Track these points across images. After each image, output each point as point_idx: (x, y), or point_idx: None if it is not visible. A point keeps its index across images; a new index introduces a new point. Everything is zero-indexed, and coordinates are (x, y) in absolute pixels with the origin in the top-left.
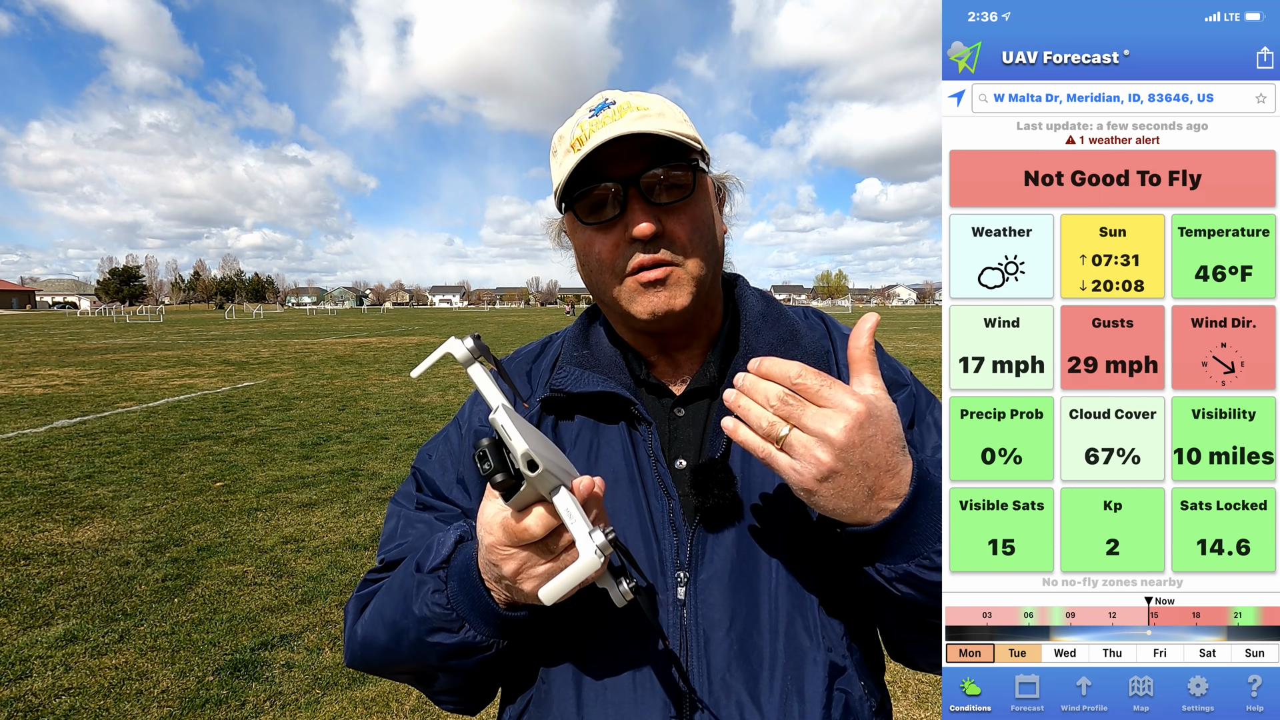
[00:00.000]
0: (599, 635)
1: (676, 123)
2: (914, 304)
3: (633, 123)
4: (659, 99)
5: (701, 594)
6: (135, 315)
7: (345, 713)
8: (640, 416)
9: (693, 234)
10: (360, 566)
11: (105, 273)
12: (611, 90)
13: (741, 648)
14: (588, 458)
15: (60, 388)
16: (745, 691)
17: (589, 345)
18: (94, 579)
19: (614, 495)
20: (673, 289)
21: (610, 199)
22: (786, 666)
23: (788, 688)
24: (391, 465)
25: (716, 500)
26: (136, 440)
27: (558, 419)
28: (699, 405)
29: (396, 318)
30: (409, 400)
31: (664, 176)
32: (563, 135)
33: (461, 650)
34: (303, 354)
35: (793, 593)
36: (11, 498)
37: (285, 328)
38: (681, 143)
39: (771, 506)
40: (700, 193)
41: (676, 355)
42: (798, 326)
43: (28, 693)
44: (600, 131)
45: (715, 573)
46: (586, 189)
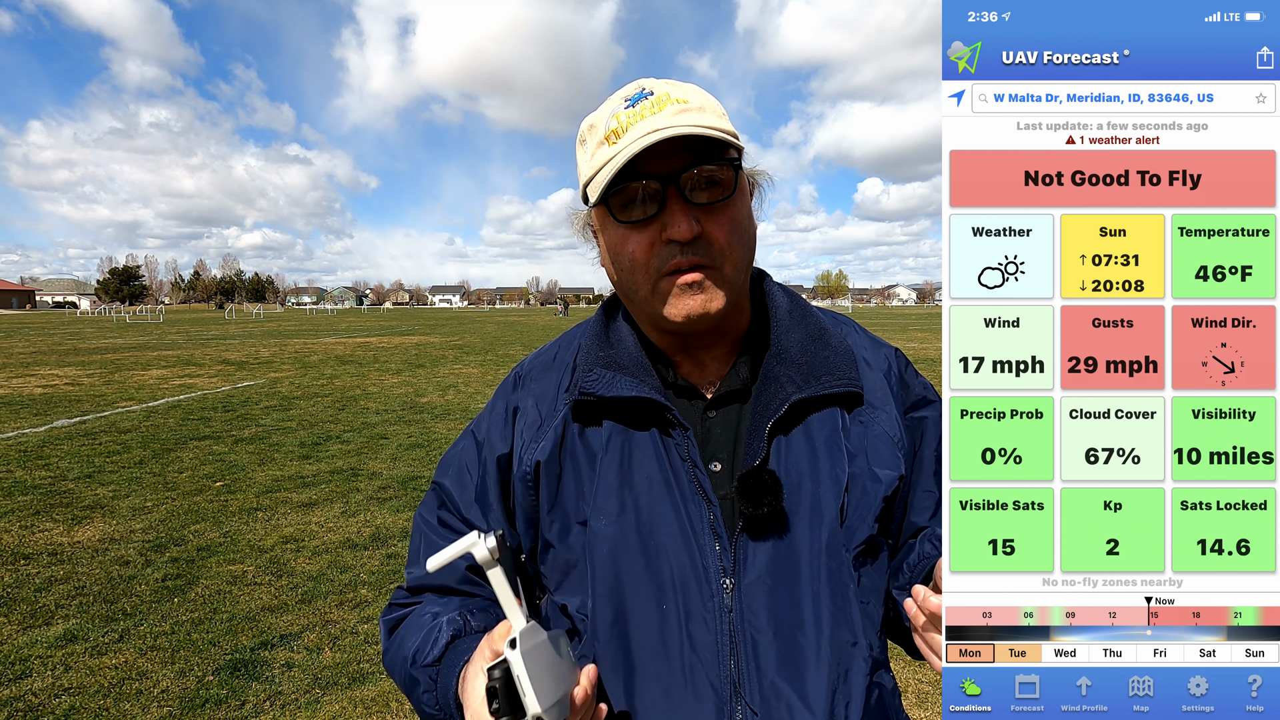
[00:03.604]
0: (647, 638)
1: (716, 117)
2: (914, 304)
3: (673, 117)
4: (698, 90)
5: (746, 599)
6: (135, 315)
7: (345, 712)
8: (676, 421)
9: (731, 235)
10: (360, 566)
11: (105, 272)
12: (648, 79)
13: (788, 649)
14: (620, 464)
15: (60, 387)
16: (794, 693)
17: (612, 345)
18: (94, 579)
19: (651, 500)
20: (709, 292)
21: (647, 196)
22: (832, 664)
23: (834, 684)
24: (391, 465)
25: (769, 507)
26: (136, 440)
27: (584, 425)
28: (730, 408)
29: (396, 317)
30: (409, 400)
31: (705, 175)
32: (594, 125)
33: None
34: (303, 354)
35: (833, 592)
36: (11, 498)
37: (285, 327)
38: (722, 140)
39: (811, 510)
40: (740, 192)
41: (701, 355)
42: (825, 324)
43: (28, 692)
44: (640, 125)
45: (759, 577)
46: (623, 185)
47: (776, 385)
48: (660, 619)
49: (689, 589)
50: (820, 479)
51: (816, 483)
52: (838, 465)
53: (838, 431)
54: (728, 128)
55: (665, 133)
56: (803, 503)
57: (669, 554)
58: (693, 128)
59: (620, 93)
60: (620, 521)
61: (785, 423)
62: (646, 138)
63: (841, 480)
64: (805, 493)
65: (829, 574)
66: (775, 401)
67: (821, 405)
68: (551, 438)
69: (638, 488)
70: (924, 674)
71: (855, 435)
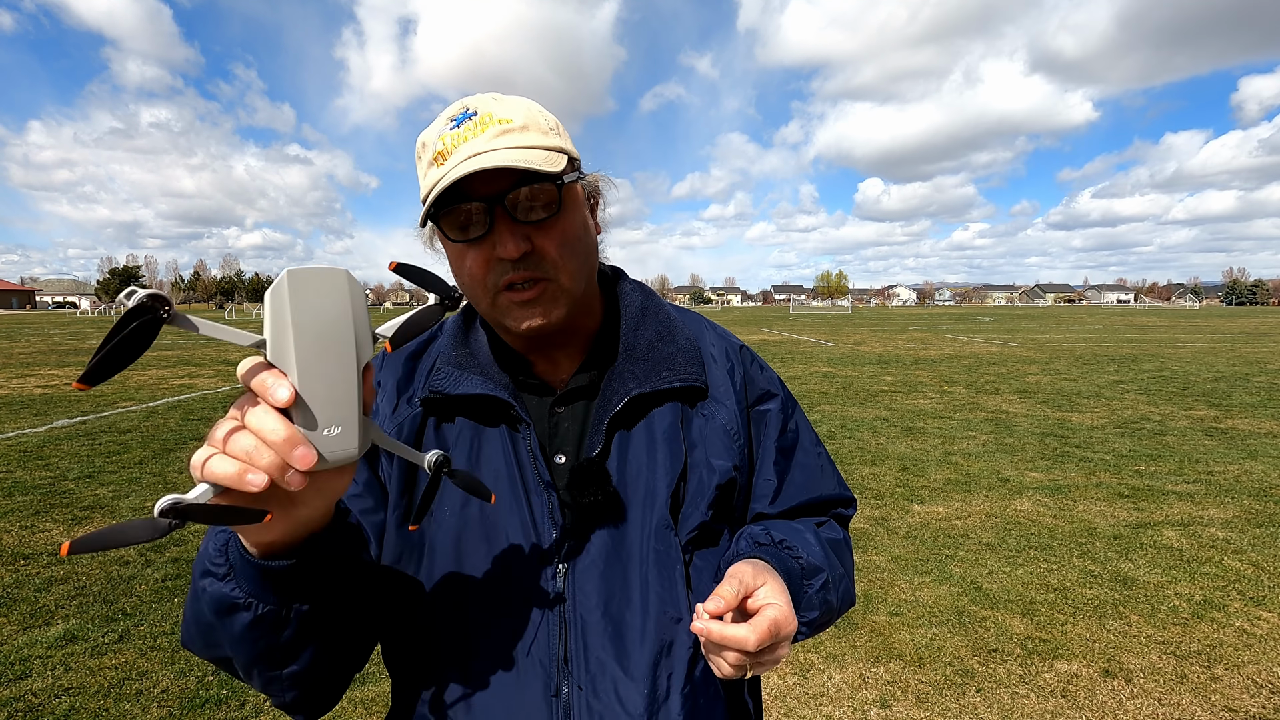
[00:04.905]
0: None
1: (540, 134)
2: (914, 304)
3: (494, 139)
4: (524, 106)
5: (579, 580)
6: None
7: (345, 713)
8: (519, 417)
9: (562, 248)
10: None
11: (105, 272)
12: (473, 97)
13: (615, 626)
14: (469, 457)
15: (60, 388)
16: (618, 665)
17: (468, 345)
18: (94, 579)
19: (497, 493)
20: (546, 304)
21: (477, 217)
22: (655, 639)
23: (658, 657)
24: None
25: (594, 497)
26: (136, 440)
27: (439, 420)
28: (579, 404)
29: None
30: None
31: (529, 194)
32: (425, 143)
33: (225, 606)
34: None
35: (660, 573)
36: (11, 498)
37: None
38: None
39: (642, 499)
40: (568, 206)
41: (554, 353)
42: (674, 321)
43: (28, 693)
44: (463, 147)
45: (592, 561)
46: (452, 206)
47: (620, 381)
48: (495, 601)
49: (526, 573)
50: (656, 469)
51: (653, 473)
52: (675, 456)
53: (677, 424)
54: (553, 144)
55: (481, 160)
56: (639, 491)
57: (509, 541)
58: (511, 151)
59: (446, 112)
60: (464, 513)
61: (627, 417)
62: (465, 164)
63: (676, 470)
64: (641, 482)
65: (656, 556)
66: (616, 397)
67: (663, 400)
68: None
69: (484, 481)
70: (924, 674)
71: (696, 427)
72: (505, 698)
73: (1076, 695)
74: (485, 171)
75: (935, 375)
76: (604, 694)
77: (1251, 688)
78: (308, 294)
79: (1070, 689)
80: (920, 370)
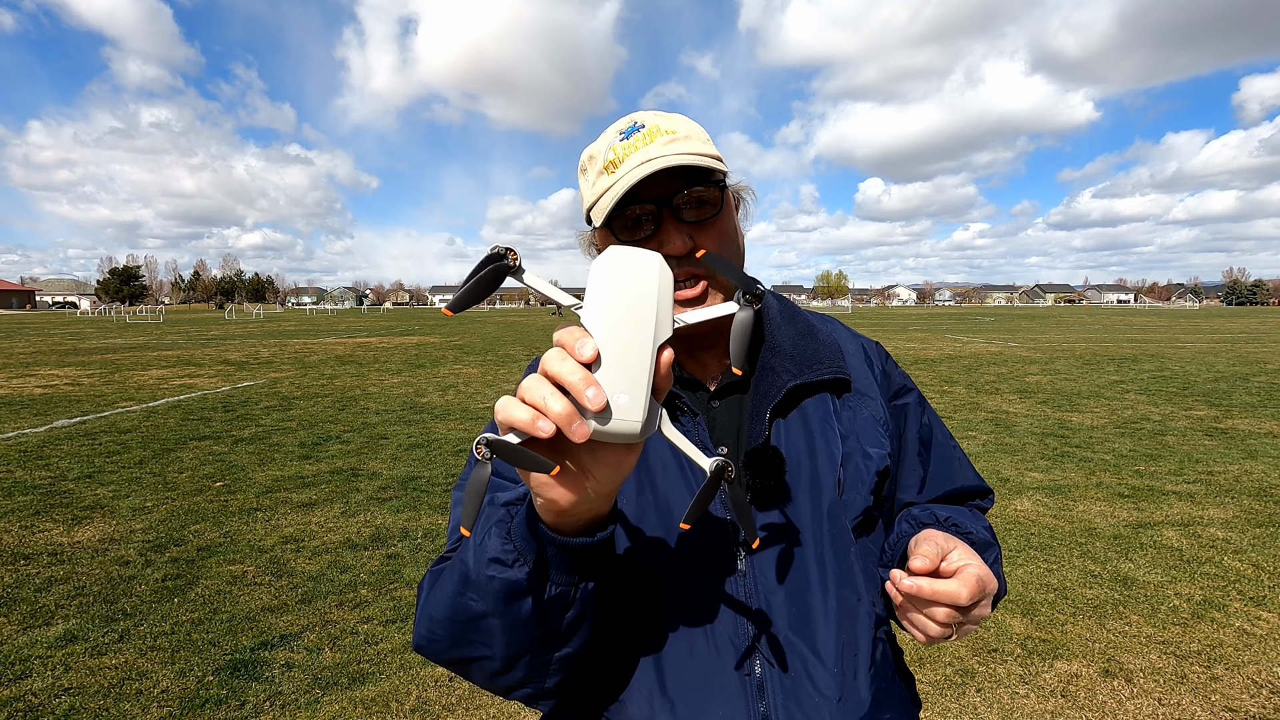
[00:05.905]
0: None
1: (701, 143)
2: (914, 304)
3: (664, 146)
4: (684, 120)
5: (758, 564)
6: (135, 315)
7: (345, 713)
8: (686, 409)
9: (722, 247)
10: (360, 567)
11: (105, 272)
12: (640, 113)
13: (799, 608)
14: None
15: (60, 387)
16: (806, 646)
17: None
18: (94, 579)
19: (666, 482)
20: (709, 299)
21: (645, 218)
22: (839, 620)
23: (842, 638)
24: (391, 465)
25: (773, 481)
26: (136, 440)
27: None
28: (732, 398)
29: (396, 317)
30: (409, 400)
31: (694, 196)
32: (594, 155)
33: (514, 592)
34: (302, 354)
35: (836, 555)
36: (11, 498)
37: (285, 327)
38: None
39: (810, 484)
40: (725, 208)
41: (702, 355)
42: (812, 321)
43: (28, 693)
44: (635, 155)
45: (768, 544)
46: (623, 210)
47: (774, 375)
48: (681, 583)
49: (708, 557)
50: (817, 456)
51: (814, 460)
52: (832, 444)
53: (830, 414)
54: (712, 152)
55: (658, 163)
56: (803, 478)
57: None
58: (681, 155)
59: (615, 126)
60: (640, 500)
61: (783, 407)
62: (641, 168)
63: (837, 457)
64: (804, 469)
65: (831, 539)
66: (774, 388)
67: (814, 391)
68: None
69: (653, 470)
70: (924, 675)
71: (845, 418)
72: (702, 676)
73: (1076, 695)
74: (653, 176)
75: (935, 375)
76: (794, 672)
77: (1251, 688)
78: (625, 269)
79: (1070, 689)
80: (920, 370)
